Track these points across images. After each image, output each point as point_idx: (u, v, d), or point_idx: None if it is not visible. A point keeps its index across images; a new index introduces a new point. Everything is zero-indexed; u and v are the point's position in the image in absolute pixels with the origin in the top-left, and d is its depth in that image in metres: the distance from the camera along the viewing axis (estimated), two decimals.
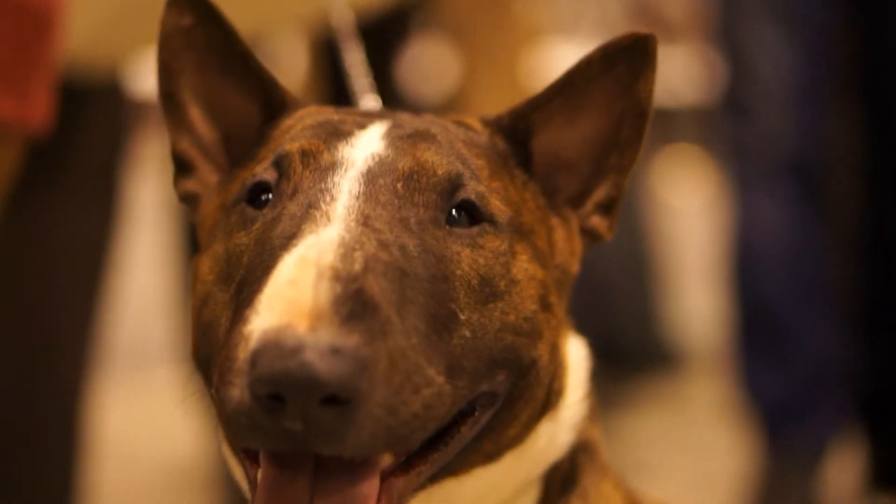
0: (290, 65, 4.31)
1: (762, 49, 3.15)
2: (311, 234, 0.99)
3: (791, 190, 3.17)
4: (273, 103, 1.25)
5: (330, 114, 1.19)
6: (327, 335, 0.89)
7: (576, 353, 1.26)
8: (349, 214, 1.02)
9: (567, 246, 1.23)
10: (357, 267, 0.96)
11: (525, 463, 1.17)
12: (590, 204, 1.25)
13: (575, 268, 1.24)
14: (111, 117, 2.44)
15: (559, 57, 4.12)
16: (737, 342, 3.35)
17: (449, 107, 4.13)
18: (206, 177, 1.29)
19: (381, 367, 0.92)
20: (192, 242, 3.03)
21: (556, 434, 1.19)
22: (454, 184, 1.09)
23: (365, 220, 1.01)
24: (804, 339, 3.22)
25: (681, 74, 7.60)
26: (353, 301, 0.93)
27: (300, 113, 1.23)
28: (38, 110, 1.65)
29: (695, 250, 5.45)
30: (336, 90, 3.78)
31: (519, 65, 3.23)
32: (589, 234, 1.26)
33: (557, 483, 1.21)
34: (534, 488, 1.20)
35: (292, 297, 0.92)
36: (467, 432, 1.08)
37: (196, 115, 1.29)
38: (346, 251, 0.97)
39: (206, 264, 1.14)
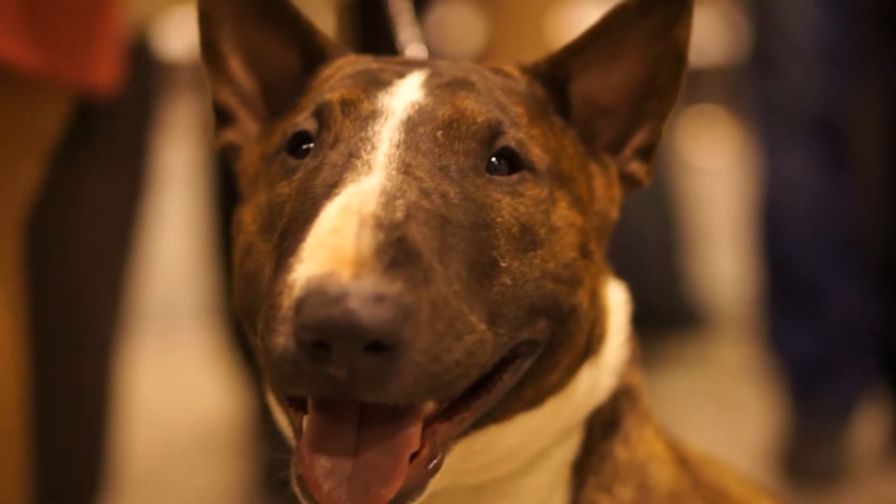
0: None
1: (791, 7, 3.14)
2: (353, 182, 1.00)
3: (819, 148, 3.16)
4: (312, 52, 1.26)
5: (369, 63, 1.19)
6: (370, 282, 0.91)
7: (616, 298, 1.27)
8: (390, 163, 1.02)
9: (606, 192, 1.23)
10: (399, 215, 0.97)
11: (567, 408, 1.18)
12: (629, 149, 1.25)
13: (614, 214, 1.25)
14: (140, 79, 2.44)
15: (585, 17, 4.10)
16: (764, 301, 3.34)
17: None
18: (247, 127, 1.30)
19: (424, 313, 0.93)
20: (223, 205, 3.05)
21: (597, 379, 1.20)
22: (494, 131, 1.10)
23: (406, 169, 1.02)
24: (832, 298, 3.22)
25: (707, 35, 7.57)
26: (395, 248, 0.94)
27: (339, 62, 1.23)
28: (100, 72, 1.64)
29: (721, 211, 5.43)
30: (363, 52, 3.78)
31: (545, 26, 3.21)
32: (627, 180, 1.26)
33: (599, 427, 1.22)
34: (576, 433, 1.21)
35: (336, 244, 0.93)
36: (509, 380, 1.09)
37: (236, 65, 1.29)
38: (388, 199, 0.98)
39: (248, 214, 1.15)
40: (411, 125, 1.07)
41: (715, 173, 6.77)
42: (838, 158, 3.17)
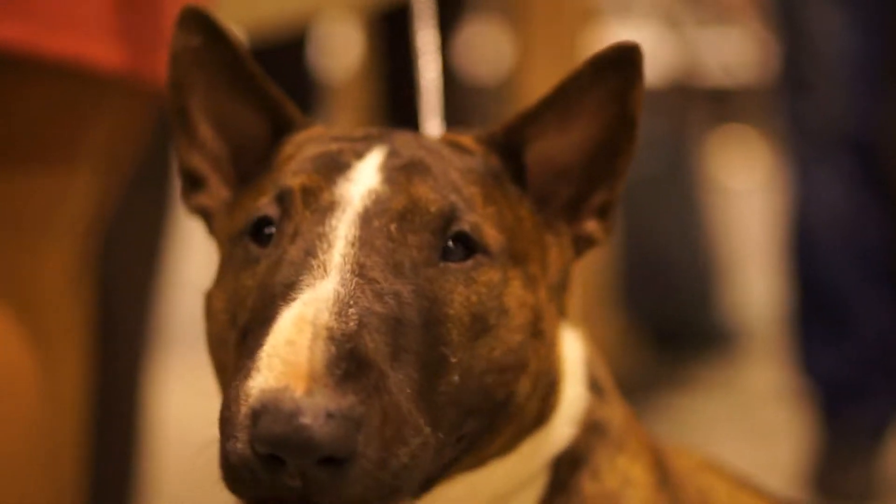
0: (346, 44, 4.32)
1: (822, 26, 3.13)
2: (309, 287, 1.03)
3: (851, 168, 3.15)
4: (280, 122, 1.28)
5: (328, 143, 1.20)
6: (323, 399, 0.94)
7: (572, 349, 1.27)
8: (345, 264, 1.05)
9: (559, 261, 1.25)
10: (352, 325, 0.99)
11: (516, 467, 1.20)
12: (587, 209, 1.27)
13: (569, 275, 1.27)
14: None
15: (614, 38, 4.10)
16: (795, 321, 3.33)
17: (504, 89, 4.12)
18: (218, 191, 1.32)
19: (374, 423, 0.96)
20: None
21: (549, 437, 1.22)
22: (448, 219, 1.12)
23: (360, 270, 1.05)
24: (864, 319, 3.20)
25: (736, 55, 7.56)
26: (347, 361, 0.97)
27: (301, 138, 1.25)
28: (158, 66, 1.64)
29: (751, 231, 5.42)
30: (393, 68, 3.79)
31: (574, 46, 3.22)
32: (584, 241, 1.27)
33: (566, 465, 1.23)
34: (541, 474, 1.22)
35: (289, 358, 0.96)
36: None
37: (206, 132, 1.31)
38: (342, 308, 1.00)
39: (220, 301, 1.17)
40: (367, 218, 1.09)
41: (745, 194, 6.76)
42: (869, 177, 3.16)
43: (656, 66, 5.12)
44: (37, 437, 1.64)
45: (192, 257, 4.23)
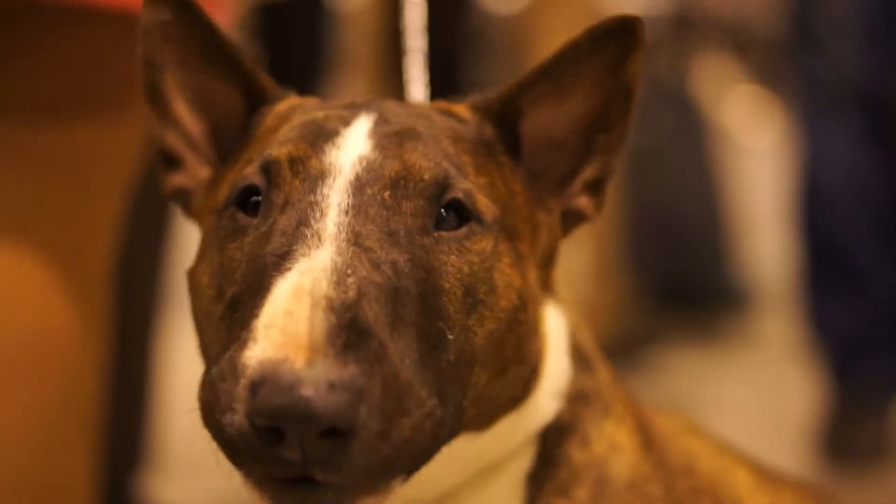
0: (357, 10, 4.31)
1: None
2: (304, 257, 1.00)
3: (862, 123, 3.14)
4: (254, 93, 1.26)
5: (313, 111, 1.19)
6: (324, 369, 0.91)
7: (555, 324, 1.26)
8: (339, 233, 1.03)
9: (549, 239, 1.23)
10: (351, 294, 0.97)
11: (496, 442, 1.19)
12: (578, 183, 1.25)
13: (556, 251, 1.25)
14: None
15: None
16: (806, 278, 3.33)
17: (519, 26, 4.09)
18: (196, 171, 1.30)
19: (376, 394, 0.93)
20: None
21: (532, 412, 1.21)
22: (441, 186, 1.10)
23: (356, 239, 1.02)
24: (874, 275, 3.20)
25: (751, 11, 7.53)
26: (347, 331, 0.94)
27: (281, 106, 1.24)
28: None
29: (766, 190, 5.40)
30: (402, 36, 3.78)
31: None
32: (574, 216, 1.26)
33: (553, 435, 1.22)
34: (529, 446, 1.22)
35: (288, 329, 0.94)
36: None
37: (181, 108, 1.29)
38: (340, 277, 0.98)
39: (205, 275, 1.15)
40: (359, 185, 1.07)
41: (760, 153, 6.74)
42: (881, 134, 3.15)
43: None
44: (75, 391, 1.65)
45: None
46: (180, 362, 3.15)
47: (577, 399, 1.24)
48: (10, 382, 1.58)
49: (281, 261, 1.01)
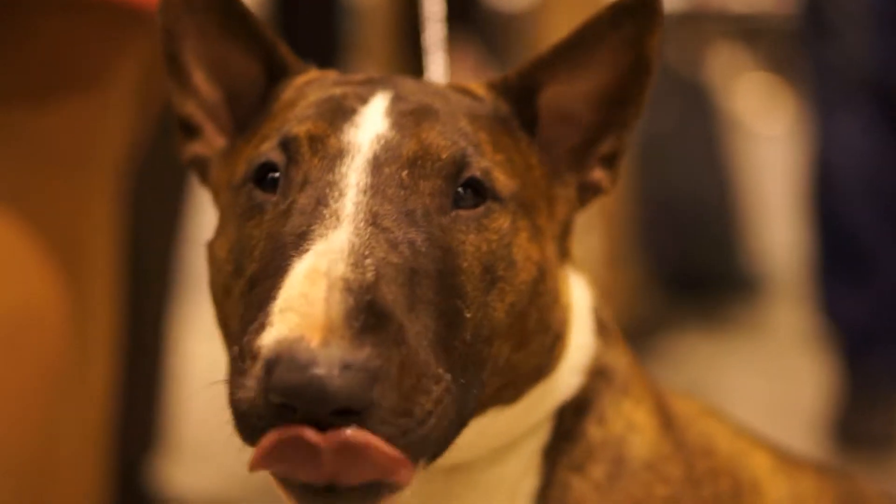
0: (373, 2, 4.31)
1: None
2: (322, 238, 1.01)
3: (873, 111, 3.13)
4: (275, 66, 1.26)
5: (331, 87, 1.19)
6: (339, 350, 0.92)
7: (579, 296, 1.26)
8: (357, 213, 1.03)
9: (565, 211, 1.24)
10: (369, 276, 0.97)
11: (519, 416, 1.19)
12: (594, 157, 1.26)
13: (575, 216, 1.26)
14: None
15: None
16: (817, 266, 3.33)
17: (529, 22, 4.10)
18: (213, 140, 1.30)
19: (392, 374, 0.94)
20: None
21: (555, 386, 1.21)
22: (459, 165, 1.10)
23: (374, 219, 1.03)
24: (884, 263, 3.20)
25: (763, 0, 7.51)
26: (365, 313, 0.95)
27: (300, 80, 1.24)
28: None
29: (776, 177, 5.40)
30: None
31: None
32: (590, 189, 1.26)
33: (571, 411, 1.23)
34: (547, 422, 1.23)
35: (305, 310, 0.94)
36: None
37: (200, 78, 1.30)
38: (357, 259, 0.98)
39: (223, 250, 1.15)
40: (377, 165, 1.07)
41: (771, 140, 6.73)
42: (892, 122, 3.14)
43: None
44: (64, 372, 1.66)
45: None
46: (194, 346, 3.16)
47: (598, 375, 1.25)
48: None
49: (299, 241, 1.02)
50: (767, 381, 3.66)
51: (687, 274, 4.39)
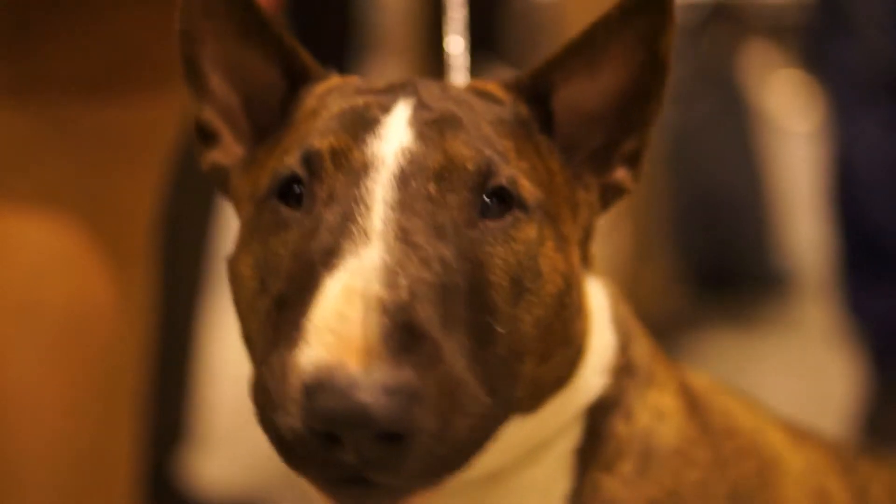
0: None
1: None
2: (352, 255, 0.99)
3: (893, 111, 3.12)
4: (295, 72, 1.26)
5: (352, 96, 1.18)
6: (380, 373, 0.91)
7: (598, 299, 1.26)
8: (387, 229, 1.02)
9: (588, 216, 1.24)
10: (403, 295, 0.96)
11: (545, 421, 1.20)
12: (617, 157, 1.25)
13: (597, 219, 1.26)
14: None
15: None
16: (842, 263, 3.31)
17: (559, 12, 4.10)
18: (231, 148, 1.29)
19: (432, 396, 0.94)
20: None
21: (579, 390, 1.22)
22: (485, 174, 1.09)
23: (404, 236, 1.01)
24: None
25: None
26: (402, 333, 0.94)
27: (321, 90, 1.23)
28: None
29: (806, 173, 5.38)
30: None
31: None
32: (613, 190, 1.26)
33: (600, 410, 1.24)
34: (577, 422, 1.23)
35: (342, 332, 0.93)
36: None
37: (218, 83, 1.29)
38: (391, 277, 0.97)
39: (247, 267, 1.14)
40: (403, 179, 1.06)
41: (801, 137, 6.70)
42: None
43: None
44: (116, 364, 1.67)
45: None
46: (223, 338, 3.17)
47: (622, 372, 1.25)
48: (48, 353, 1.60)
49: (328, 258, 1.01)
50: (796, 378, 3.65)
51: (717, 270, 4.38)
